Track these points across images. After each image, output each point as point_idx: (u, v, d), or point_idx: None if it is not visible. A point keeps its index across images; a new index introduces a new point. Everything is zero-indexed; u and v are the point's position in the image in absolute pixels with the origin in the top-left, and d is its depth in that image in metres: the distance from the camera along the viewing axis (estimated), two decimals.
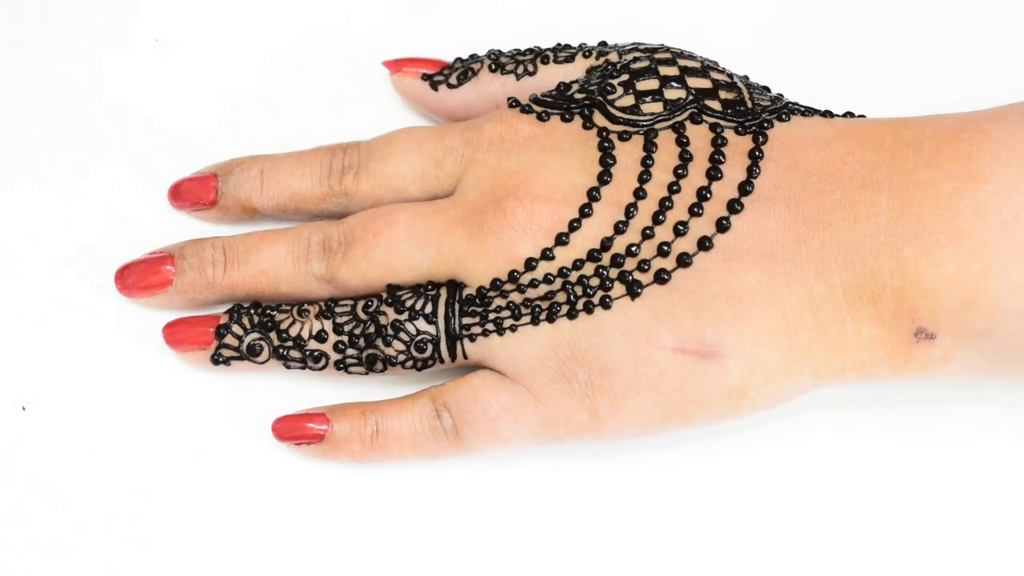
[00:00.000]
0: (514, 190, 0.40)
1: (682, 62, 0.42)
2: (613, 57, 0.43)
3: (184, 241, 0.44)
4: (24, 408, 0.43)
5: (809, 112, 0.41)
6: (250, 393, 0.43)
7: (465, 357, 0.41)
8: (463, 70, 0.45)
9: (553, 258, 0.39)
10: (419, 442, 0.41)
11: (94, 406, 0.43)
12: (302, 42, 0.49)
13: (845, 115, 0.42)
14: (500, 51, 0.45)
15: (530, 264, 0.39)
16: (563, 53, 0.44)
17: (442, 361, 0.41)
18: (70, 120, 0.47)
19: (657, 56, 0.42)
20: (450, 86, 0.45)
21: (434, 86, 0.45)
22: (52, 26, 0.49)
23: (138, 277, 0.43)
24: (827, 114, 0.42)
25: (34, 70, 0.48)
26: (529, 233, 0.39)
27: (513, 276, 0.40)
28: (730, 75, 0.42)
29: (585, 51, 0.44)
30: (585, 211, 0.39)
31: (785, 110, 0.41)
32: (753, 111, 0.40)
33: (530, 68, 0.43)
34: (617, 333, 0.39)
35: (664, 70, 0.41)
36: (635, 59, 0.42)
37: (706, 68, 0.42)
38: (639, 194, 0.39)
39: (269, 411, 0.43)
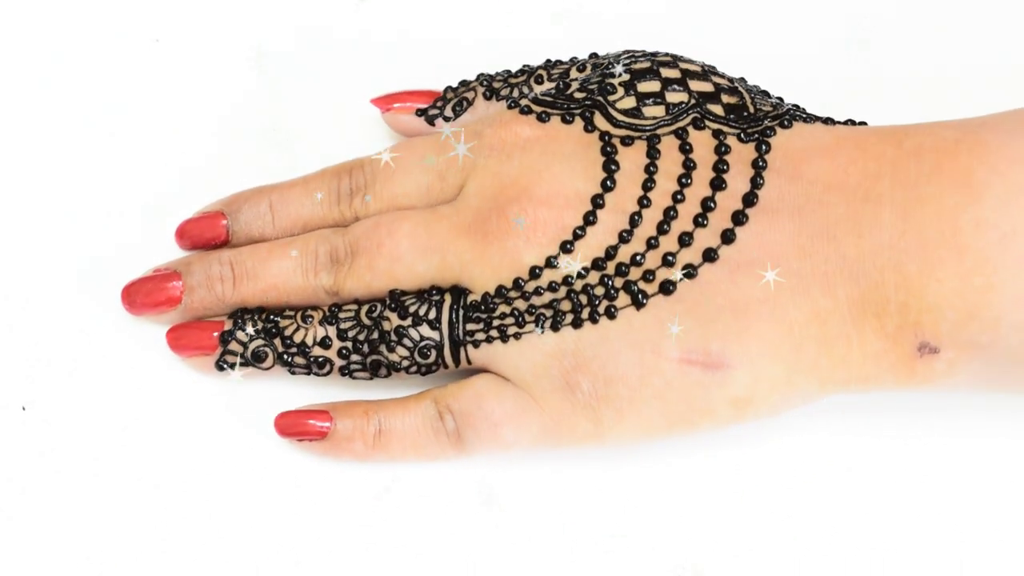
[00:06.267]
0: (517, 196, 0.40)
1: (683, 65, 0.42)
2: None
3: (189, 256, 0.44)
4: (24, 408, 0.43)
5: (810, 119, 0.41)
6: (254, 388, 0.43)
7: (469, 363, 0.41)
8: (457, 100, 0.44)
9: (558, 267, 0.39)
10: (421, 443, 0.41)
11: (97, 403, 0.44)
12: (301, 42, 0.49)
13: (846, 122, 0.42)
14: (490, 75, 0.45)
15: (535, 272, 0.40)
16: (556, 70, 0.43)
17: (446, 366, 0.41)
18: (70, 121, 0.47)
19: (658, 59, 0.42)
20: (446, 119, 0.44)
21: (430, 120, 0.44)
22: (52, 26, 0.49)
23: (146, 296, 0.43)
24: (828, 121, 0.42)
25: (34, 70, 0.48)
26: (533, 241, 0.39)
27: (518, 284, 0.40)
28: (731, 80, 0.42)
29: (579, 65, 0.43)
30: (589, 218, 0.39)
31: (787, 116, 0.41)
32: (755, 116, 0.40)
33: (525, 90, 0.43)
34: (622, 343, 0.39)
35: (665, 72, 0.41)
36: (634, 60, 0.42)
37: (707, 72, 0.42)
38: (643, 202, 0.39)
39: (272, 406, 0.43)
